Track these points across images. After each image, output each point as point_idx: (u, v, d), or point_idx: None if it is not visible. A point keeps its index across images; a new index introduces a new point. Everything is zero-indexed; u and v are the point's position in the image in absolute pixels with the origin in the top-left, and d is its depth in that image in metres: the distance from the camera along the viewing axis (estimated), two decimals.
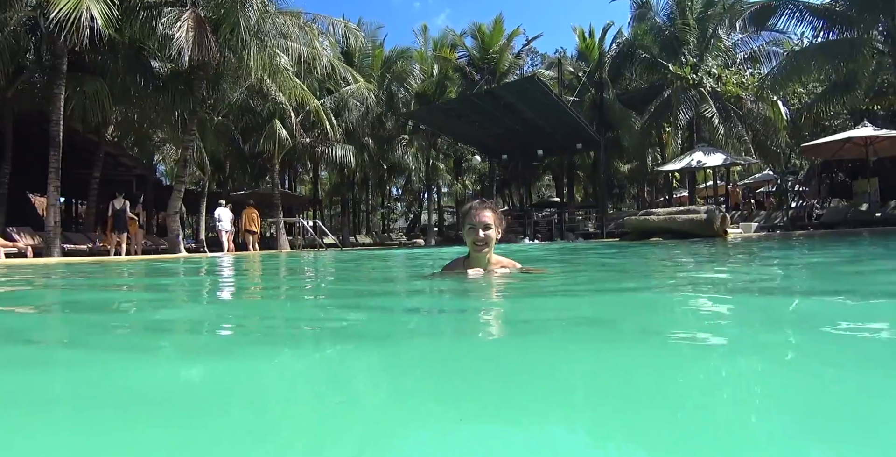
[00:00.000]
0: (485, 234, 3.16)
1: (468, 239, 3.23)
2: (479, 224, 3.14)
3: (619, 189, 40.85)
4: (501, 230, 3.28)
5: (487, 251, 3.25)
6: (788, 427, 0.83)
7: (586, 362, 1.33)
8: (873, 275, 3.96)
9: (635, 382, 1.12)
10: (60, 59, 13.06)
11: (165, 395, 1.07)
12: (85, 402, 1.05)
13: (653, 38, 25.23)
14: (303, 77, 19.78)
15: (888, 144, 18.59)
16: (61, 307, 3.34)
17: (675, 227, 14.29)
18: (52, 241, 12.88)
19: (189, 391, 1.14)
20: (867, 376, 1.12)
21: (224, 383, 1.18)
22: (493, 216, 3.19)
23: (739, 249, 8.44)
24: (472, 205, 3.29)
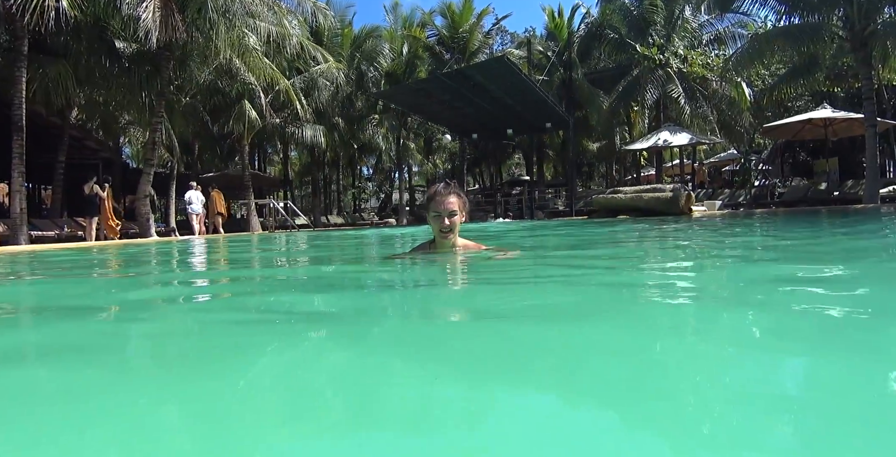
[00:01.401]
0: (450, 221, 3.17)
1: (434, 225, 3.24)
2: (444, 211, 3.14)
3: (588, 167, 41.35)
4: (466, 213, 3.29)
5: (453, 237, 3.26)
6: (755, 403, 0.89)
7: (548, 338, 1.41)
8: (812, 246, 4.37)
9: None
10: (21, 41, 12.63)
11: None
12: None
13: (621, 19, 25.43)
14: (272, 57, 19.56)
15: (846, 125, 19.23)
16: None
17: (641, 205, 14.65)
18: (18, 228, 12.59)
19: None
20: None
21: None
22: (458, 201, 3.19)
23: (701, 226, 8.77)
24: (436, 190, 3.26)
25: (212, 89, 20.40)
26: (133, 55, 15.88)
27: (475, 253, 3.49)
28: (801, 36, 16.90)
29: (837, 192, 18.60)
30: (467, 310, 2.06)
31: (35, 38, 13.22)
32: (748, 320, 1.56)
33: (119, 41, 15.69)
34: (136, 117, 19.02)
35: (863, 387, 0.94)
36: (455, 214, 3.17)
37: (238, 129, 21.39)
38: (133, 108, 17.86)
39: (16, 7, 10.83)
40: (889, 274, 2.64)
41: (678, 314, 1.74)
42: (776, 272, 2.73)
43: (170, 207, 23.08)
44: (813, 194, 19.09)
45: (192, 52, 16.62)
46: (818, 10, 16.53)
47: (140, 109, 17.31)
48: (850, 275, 2.54)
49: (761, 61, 19.61)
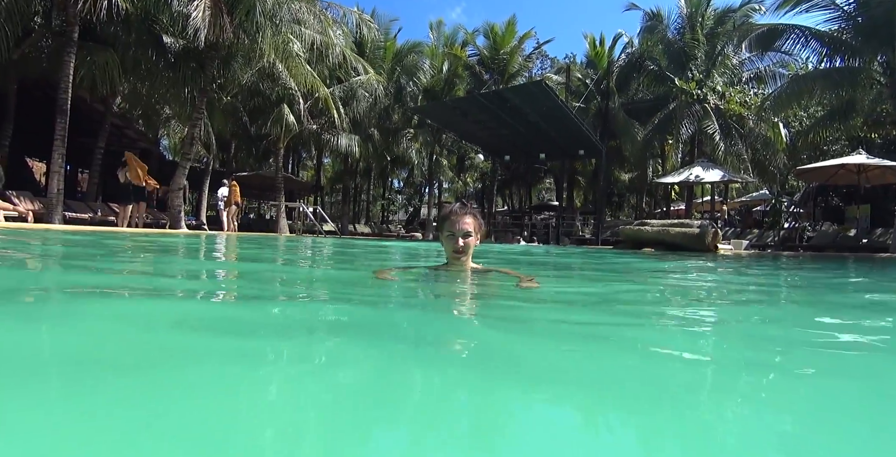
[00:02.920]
0: (464, 242, 3.05)
1: (447, 247, 3.11)
2: (459, 232, 3.03)
3: (618, 197, 41.09)
4: (481, 236, 3.18)
5: (466, 259, 3.13)
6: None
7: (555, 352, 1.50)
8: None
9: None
10: (72, 27, 13.24)
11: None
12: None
13: (661, 51, 25.50)
14: (314, 64, 20.04)
15: (880, 172, 18.84)
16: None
17: (667, 239, 14.52)
18: (53, 207, 13.06)
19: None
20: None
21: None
22: (474, 223, 3.08)
23: (725, 267, 8.43)
24: (451, 210, 3.15)
25: (253, 91, 21.00)
26: (179, 51, 16.50)
27: (488, 275, 3.38)
28: (840, 80, 16.71)
29: (866, 239, 18.21)
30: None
31: (86, 25, 13.85)
32: (759, 384, 1.37)
33: (167, 36, 16.35)
34: (177, 111, 19.62)
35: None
36: (470, 236, 3.06)
37: (275, 131, 21.91)
38: (175, 102, 18.48)
39: None
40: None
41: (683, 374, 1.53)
42: (786, 326, 2.43)
43: (202, 201, 23.63)
44: (841, 240, 18.72)
45: (237, 52, 17.23)
46: (860, 55, 16.37)
47: (182, 104, 17.90)
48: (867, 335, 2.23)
49: (799, 103, 19.42)
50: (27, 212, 13.09)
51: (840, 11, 16.21)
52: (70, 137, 13.66)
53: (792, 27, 17.09)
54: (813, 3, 16.30)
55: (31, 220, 12.72)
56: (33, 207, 14.10)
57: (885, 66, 16.00)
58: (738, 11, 24.40)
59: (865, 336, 2.11)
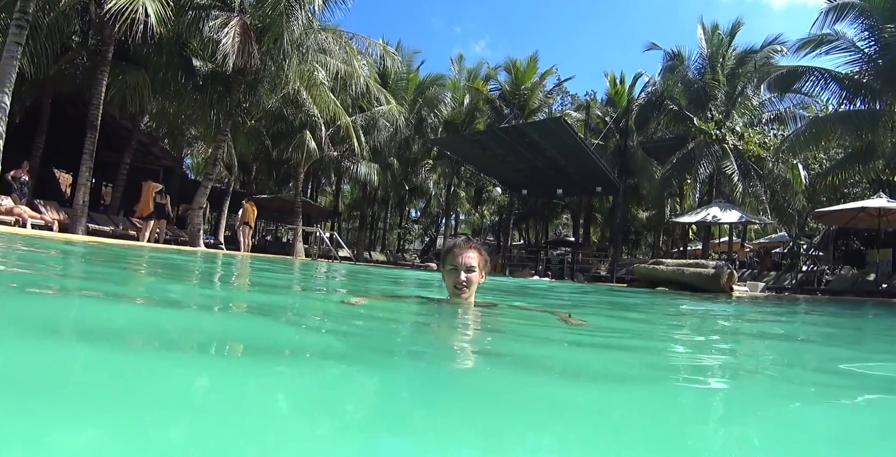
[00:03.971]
0: (467, 276, 2.87)
1: (448, 281, 2.93)
2: (461, 266, 2.86)
3: (635, 235, 40.89)
4: (486, 273, 3.00)
5: (469, 295, 2.92)
6: None
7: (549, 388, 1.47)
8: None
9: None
10: (107, 47, 13.83)
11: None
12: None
13: (681, 91, 25.70)
14: (337, 93, 20.51)
15: None
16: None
17: (682, 279, 14.35)
18: (78, 218, 13.48)
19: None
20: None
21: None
22: (479, 257, 2.91)
23: (738, 310, 8.05)
24: (455, 243, 2.97)
25: (277, 116, 21.46)
26: (208, 74, 17.02)
27: (494, 309, 3.21)
28: (860, 122, 16.67)
29: (886, 284, 17.88)
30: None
31: (120, 46, 14.40)
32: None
33: (196, 60, 16.91)
34: (202, 132, 20.11)
35: None
36: (473, 271, 2.88)
37: (296, 156, 22.34)
38: (201, 124, 18.99)
39: (109, 16, 11.83)
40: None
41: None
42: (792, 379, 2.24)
43: (221, 221, 23.96)
44: (860, 285, 18.39)
45: (264, 78, 17.73)
46: (881, 97, 16.37)
47: (207, 125, 18.38)
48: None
49: (818, 145, 19.36)
50: (53, 221, 13.40)
51: (861, 53, 16.31)
52: (97, 152, 14.08)
53: (812, 69, 17.20)
54: (833, 45, 16.44)
55: (56, 229, 13.02)
56: (59, 217, 14.48)
57: None
58: (760, 53, 24.60)
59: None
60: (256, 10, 15.87)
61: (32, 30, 11.93)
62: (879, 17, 15.43)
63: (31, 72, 12.64)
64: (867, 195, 20.41)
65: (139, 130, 19.57)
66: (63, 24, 13.50)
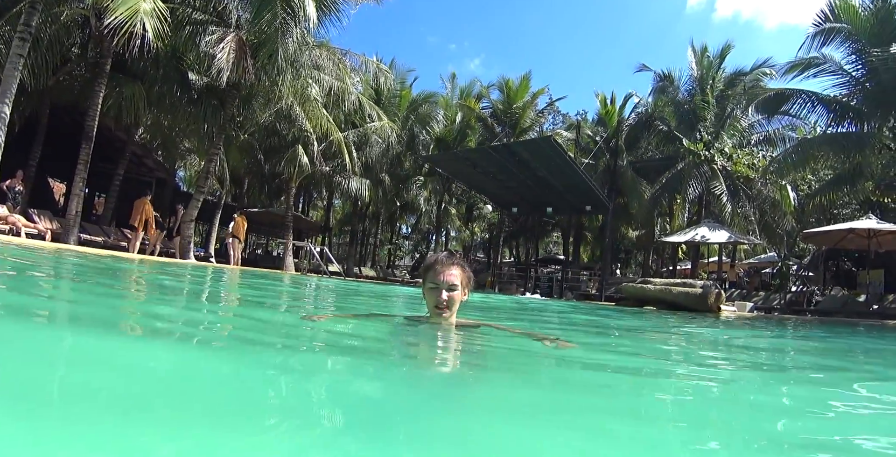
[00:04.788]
0: (449, 295, 2.68)
1: (428, 300, 2.73)
2: (443, 284, 2.67)
3: (625, 254, 41.05)
4: (469, 291, 2.82)
5: (450, 315, 2.73)
6: None
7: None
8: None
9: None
10: (105, 60, 13.90)
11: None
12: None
13: (672, 111, 26.05)
14: (330, 109, 20.58)
15: (892, 237, 18.73)
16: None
17: (669, 298, 14.37)
18: (70, 228, 13.41)
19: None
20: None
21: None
22: (462, 275, 2.73)
23: (723, 331, 7.92)
24: (437, 259, 2.78)
25: (270, 130, 21.52)
26: (202, 88, 17.07)
27: (477, 330, 3.04)
28: (847, 145, 16.87)
29: (877, 305, 18.00)
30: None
31: (117, 59, 14.44)
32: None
33: (192, 73, 16.97)
34: (196, 145, 20.09)
35: None
36: (455, 289, 2.70)
37: (288, 171, 22.33)
38: (194, 136, 19.02)
39: (108, 30, 11.89)
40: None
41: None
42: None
43: (211, 234, 23.85)
44: (850, 306, 18.50)
45: (258, 93, 17.85)
46: (868, 120, 16.63)
47: (201, 138, 18.40)
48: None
49: (805, 167, 19.60)
50: (46, 230, 13.34)
51: (849, 77, 16.60)
52: (91, 162, 14.06)
53: (800, 92, 17.49)
54: (821, 68, 16.74)
55: (49, 238, 12.95)
56: (52, 226, 14.41)
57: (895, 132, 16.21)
58: (749, 75, 25.01)
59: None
60: (252, 26, 15.92)
61: (34, 41, 12.01)
62: (866, 42, 15.74)
63: (31, 82, 12.68)
64: (857, 216, 20.61)
65: (133, 142, 19.54)
66: (64, 36, 13.60)
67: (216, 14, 16.09)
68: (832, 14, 16.35)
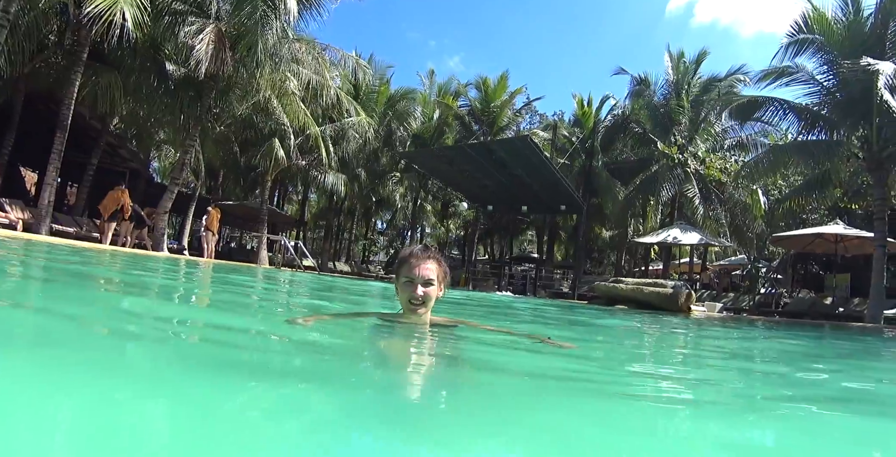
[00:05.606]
0: (424, 291, 2.53)
1: (402, 295, 2.58)
2: (418, 278, 2.52)
3: (598, 254, 41.52)
4: (445, 286, 2.67)
5: (425, 311, 2.59)
6: None
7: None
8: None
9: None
10: (83, 48, 13.61)
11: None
12: None
13: (647, 115, 26.38)
14: (308, 103, 20.44)
15: (858, 242, 19.26)
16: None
17: (641, 297, 14.55)
18: (42, 219, 13.10)
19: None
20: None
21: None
22: (437, 269, 2.58)
23: (690, 327, 8.12)
24: (411, 252, 2.62)
25: (246, 123, 21.26)
26: (180, 79, 16.83)
27: (453, 329, 2.90)
28: (817, 152, 17.16)
29: (843, 308, 18.52)
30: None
31: (95, 47, 14.17)
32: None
33: (170, 64, 16.71)
34: (171, 136, 19.78)
35: None
36: (431, 284, 2.55)
37: (264, 164, 22.13)
38: (170, 127, 18.71)
39: (87, 18, 11.67)
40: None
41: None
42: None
43: (185, 226, 23.53)
44: (818, 308, 19.00)
45: (235, 85, 17.62)
46: (838, 129, 16.97)
47: (176, 129, 18.13)
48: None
49: (775, 173, 19.98)
50: (17, 220, 13.07)
51: (819, 86, 16.89)
52: (64, 152, 13.74)
53: (772, 99, 17.75)
54: (793, 77, 17.01)
55: (20, 228, 12.68)
56: (23, 216, 14.14)
57: (864, 141, 16.58)
58: (724, 81, 25.47)
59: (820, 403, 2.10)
60: (232, 17, 15.74)
61: (10, 28, 11.74)
62: (838, 53, 16.07)
63: (6, 70, 12.41)
64: (825, 222, 21.16)
65: (108, 132, 19.16)
66: (42, 23, 13.30)
67: (196, 5, 15.83)
68: (805, 25, 16.61)
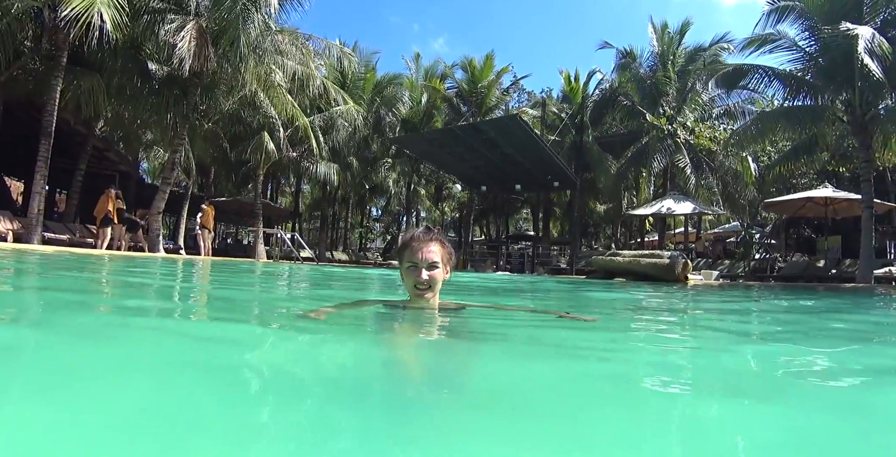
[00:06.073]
0: (429, 275, 2.43)
1: (407, 281, 2.48)
2: (421, 262, 2.42)
3: (593, 228, 41.69)
4: (451, 267, 2.57)
5: (431, 296, 2.48)
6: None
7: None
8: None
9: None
10: (61, 52, 13.49)
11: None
12: None
13: (634, 87, 26.35)
14: (295, 94, 20.36)
15: (847, 205, 19.48)
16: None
17: (638, 269, 14.70)
18: (33, 228, 13.10)
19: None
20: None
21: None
22: (441, 251, 2.48)
23: (688, 295, 8.19)
24: (413, 235, 2.53)
25: (234, 118, 21.17)
26: (164, 78, 16.72)
27: (461, 312, 2.77)
28: (803, 117, 17.31)
29: (835, 270, 18.77)
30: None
31: (74, 51, 14.03)
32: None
33: (152, 63, 16.59)
34: (159, 136, 19.71)
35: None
36: (436, 267, 2.45)
37: (255, 158, 22.12)
38: (157, 128, 18.64)
39: (63, 21, 11.57)
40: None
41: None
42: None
43: (179, 225, 23.56)
44: (810, 271, 19.25)
45: (220, 81, 17.54)
46: (822, 93, 17.08)
47: (164, 129, 18.05)
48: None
49: (763, 139, 20.08)
50: (7, 231, 13.05)
51: (802, 52, 16.94)
52: (51, 158, 13.69)
53: (757, 67, 17.79)
54: (776, 44, 17.02)
55: (11, 239, 12.68)
56: (12, 227, 14.06)
57: (847, 105, 16.70)
58: (709, 50, 25.41)
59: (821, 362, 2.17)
60: (213, 13, 15.64)
61: None
62: (818, 19, 16.09)
63: None
64: (815, 186, 21.32)
65: (94, 136, 19.10)
66: (16, 29, 13.16)
67: (175, 2, 15.73)
68: None
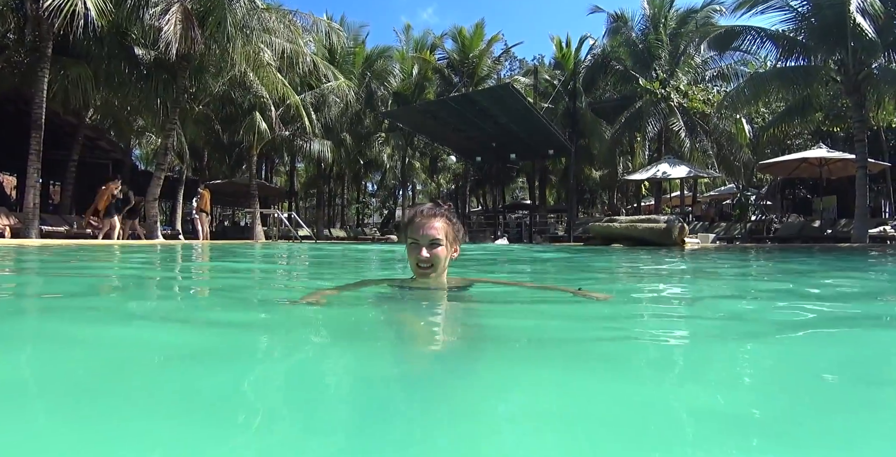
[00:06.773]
0: (431, 253, 2.28)
1: (410, 259, 2.35)
2: (422, 238, 2.28)
3: (590, 195, 41.73)
4: (458, 244, 2.42)
5: (436, 275, 2.34)
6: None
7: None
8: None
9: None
10: (46, 43, 13.32)
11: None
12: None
13: (626, 52, 26.11)
14: (284, 72, 20.14)
15: (841, 165, 19.57)
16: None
17: (635, 234, 14.82)
18: (30, 222, 13.10)
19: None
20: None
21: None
22: (446, 227, 2.33)
23: (685, 258, 8.53)
24: (417, 211, 2.39)
25: (225, 99, 21.02)
26: (151, 62, 16.53)
27: (468, 290, 2.64)
28: (796, 78, 17.26)
29: (830, 230, 18.95)
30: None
31: (59, 41, 13.82)
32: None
33: (138, 48, 16.38)
34: (150, 122, 19.56)
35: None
36: (438, 244, 2.29)
37: (248, 139, 22.00)
38: (148, 113, 18.47)
39: (46, 12, 11.39)
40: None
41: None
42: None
43: (176, 210, 23.56)
44: (806, 231, 19.42)
45: (209, 63, 17.33)
46: (815, 54, 16.99)
47: (154, 115, 17.90)
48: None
49: (757, 101, 20.03)
50: (3, 227, 13.04)
51: (794, 13, 16.79)
52: (42, 150, 13.63)
53: (749, 28, 17.64)
54: (769, 4, 16.84)
55: (8, 235, 12.69)
56: (9, 222, 14.06)
57: (840, 65, 16.63)
58: (700, 12, 25.17)
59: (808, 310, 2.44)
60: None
61: None
62: None
63: None
64: (809, 146, 21.37)
65: (84, 125, 18.94)
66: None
67: None
68: None
